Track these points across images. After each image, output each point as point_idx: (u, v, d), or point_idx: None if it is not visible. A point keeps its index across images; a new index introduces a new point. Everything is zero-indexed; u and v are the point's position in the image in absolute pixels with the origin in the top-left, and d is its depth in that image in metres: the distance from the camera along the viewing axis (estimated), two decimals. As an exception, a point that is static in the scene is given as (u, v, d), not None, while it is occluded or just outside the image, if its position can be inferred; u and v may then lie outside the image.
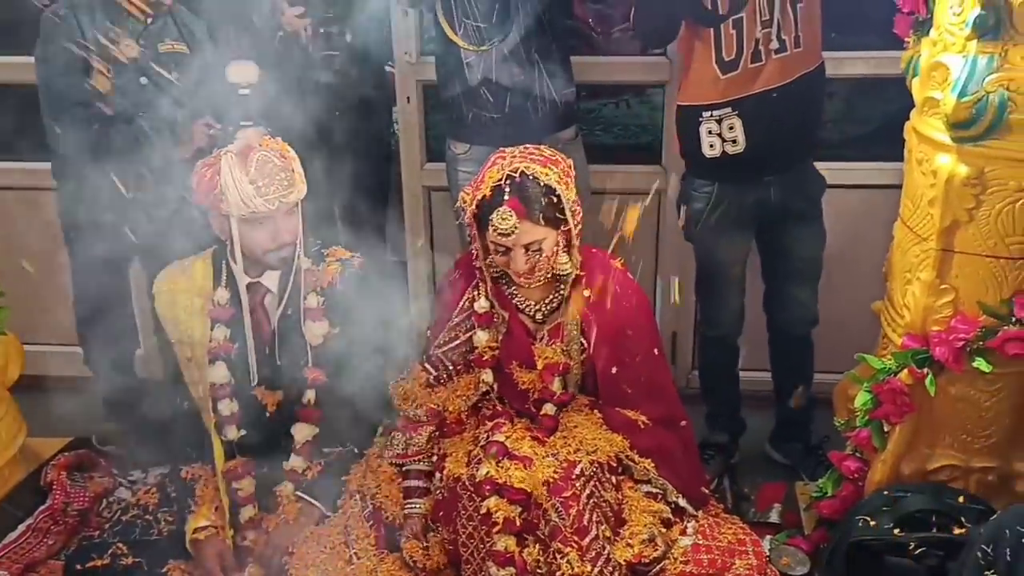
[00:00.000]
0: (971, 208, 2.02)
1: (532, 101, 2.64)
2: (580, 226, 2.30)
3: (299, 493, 2.42)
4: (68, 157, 2.69)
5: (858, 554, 2.14)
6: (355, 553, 2.29)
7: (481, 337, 2.40)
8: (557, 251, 2.27)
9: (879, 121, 3.09)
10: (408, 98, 3.11)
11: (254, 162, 2.25)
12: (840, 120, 3.14)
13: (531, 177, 2.19)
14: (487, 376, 2.42)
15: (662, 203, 3.15)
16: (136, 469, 2.82)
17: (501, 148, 2.30)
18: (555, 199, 2.20)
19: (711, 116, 2.47)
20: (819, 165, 2.66)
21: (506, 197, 2.18)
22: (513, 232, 2.17)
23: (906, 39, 2.26)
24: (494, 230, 2.19)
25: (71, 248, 2.87)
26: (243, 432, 2.42)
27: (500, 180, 2.19)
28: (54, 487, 2.66)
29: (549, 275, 2.30)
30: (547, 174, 2.20)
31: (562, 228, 2.24)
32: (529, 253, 2.22)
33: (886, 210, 2.40)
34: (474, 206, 2.24)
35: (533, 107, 2.65)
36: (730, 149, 2.48)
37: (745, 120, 2.45)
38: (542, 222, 2.20)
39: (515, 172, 2.19)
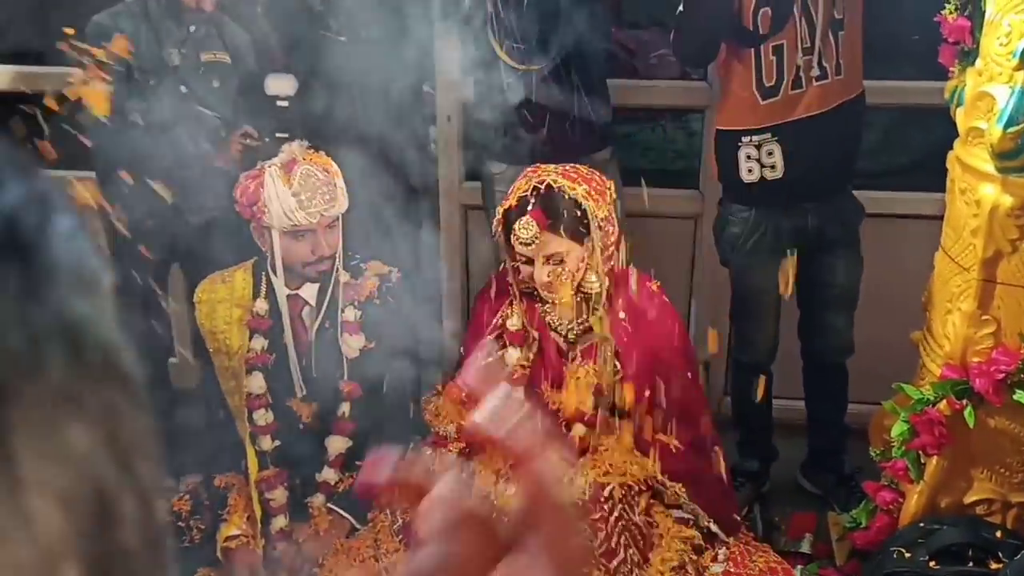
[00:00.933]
0: (1015, 239, 2.01)
1: (570, 122, 2.67)
2: (613, 247, 2.31)
3: (331, 505, 2.43)
4: (108, 164, 2.74)
5: (892, 586, 2.12)
6: (385, 567, 2.30)
7: (512, 355, 2.41)
8: (584, 268, 2.28)
9: (919, 151, 3.09)
10: (448, 117, 3.13)
11: (297, 175, 2.29)
12: (880, 149, 3.14)
13: (557, 190, 2.22)
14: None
15: (698, 227, 3.15)
16: (169, 476, 2.84)
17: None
18: (580, 213, 2.22)
19: (750, 141, 2.47)
20: (858, 194, 2.65)
21: (530, 207, 2.21)
22: (534, 242, 2.20)
23: (951, 69, 2.25)
24: (516, 239, 2.22)
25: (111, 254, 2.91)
26: (277, 443, 2.44)
27: (527, 191, 2.23)
28: (88, 492, 2.68)
29: (573, 291, 2.31)
30: (575, 188, 2.23)
31: (587, 244, 2.26)
32: (551, 265, 2.24)
33: (925, 240, 2.38)
34: (501, 216, 2.27)
35: (571, 128, 2.67)
36: (768, 175, 2.48)
37: (784, 146, 2.45)
38: (564, 234, 2.22)
39: (542, 184, 2.23)
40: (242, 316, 2.43)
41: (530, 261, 2.25)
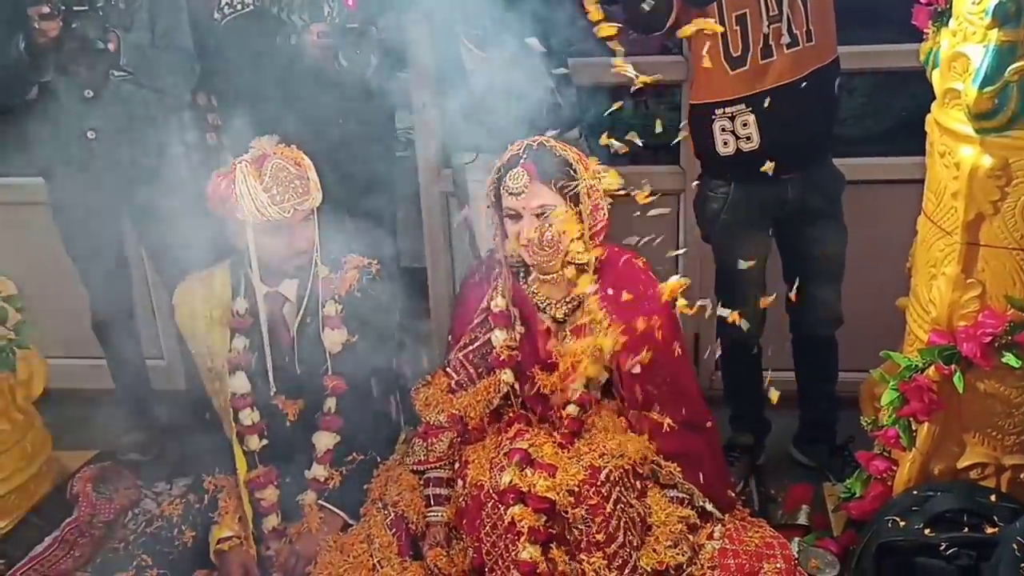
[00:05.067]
0: (996, 200, 1.98)
1: (537, 104, 2.64)
2: (603, 222, 2.31)
3: (322, 502, 2.42)
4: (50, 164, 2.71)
5: (888, 555, 2.10)
6: (378, 562, 2.28)
7: (499, 336, 2.39)
8: (571, 234, 2.28)
9: (898, 115, 3.06)
10: (424, 103, 3.09)
11: (268, 170, 2.26)
12: (858, 115, 3.10)
13: (548, 147, 2.28)
14: (507, 376, 2.39)
15: (682, 204, 3.12)
16: (161, 480, 2.82)
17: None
18: (570, 170, 2.25)
19: (724, 113, 2.44)
20: (838, 161, 2.62)
21: (521, 160, 2.25)
22: (524, 192, 2.23)
23: (926, 30, 2.22)
24: (506, 191, 2.26)
25: (73, 258, 2.88)
26: (265, 442, 2.42)
27: (519, 150, 2.29)
28: (80, 500, 2.67)
29: (560, 255, 2.29)
30: (566, 149, 2.29)
31: (576, 208, 2.27)
32: (539, 220, 2.23)
33: (908, 205, 2.36)
34: (495, 175, 2.30)
35: (538, 110, 2.64)
36: (744, 147, 2.45)
37: (759, 116, 2.41)
38: (553, 187, 2.24)
39: (534, 142, 2.29)
40: (223, 316, 2.41)
41: (519, 217, 2.25)
